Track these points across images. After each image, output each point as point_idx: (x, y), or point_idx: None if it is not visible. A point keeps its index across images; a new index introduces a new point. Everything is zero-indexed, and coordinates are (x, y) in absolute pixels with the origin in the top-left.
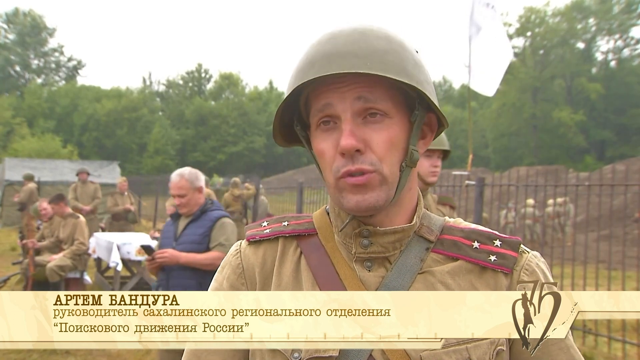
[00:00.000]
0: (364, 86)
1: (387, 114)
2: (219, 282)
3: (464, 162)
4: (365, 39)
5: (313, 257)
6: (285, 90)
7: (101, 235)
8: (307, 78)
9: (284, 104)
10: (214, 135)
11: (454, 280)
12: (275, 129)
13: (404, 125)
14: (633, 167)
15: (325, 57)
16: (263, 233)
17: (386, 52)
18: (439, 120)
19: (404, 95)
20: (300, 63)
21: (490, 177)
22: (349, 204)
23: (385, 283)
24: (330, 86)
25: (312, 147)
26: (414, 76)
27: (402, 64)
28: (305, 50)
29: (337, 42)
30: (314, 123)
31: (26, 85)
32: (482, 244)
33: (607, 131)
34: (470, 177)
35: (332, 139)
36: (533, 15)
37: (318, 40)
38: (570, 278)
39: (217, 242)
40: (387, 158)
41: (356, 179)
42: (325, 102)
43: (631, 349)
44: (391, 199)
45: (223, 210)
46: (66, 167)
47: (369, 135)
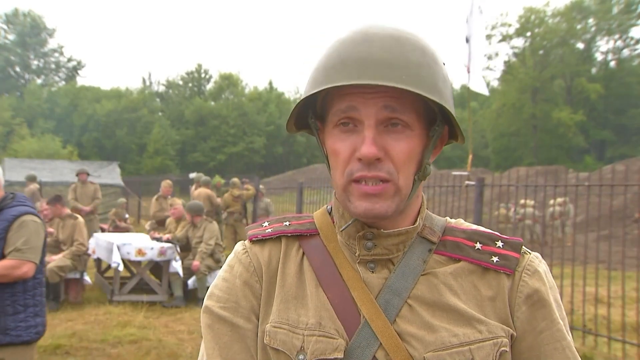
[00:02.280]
0: (392, 96)
1: (409, 126)
2: (230, 281)
3: (463, 162)
4: (401, 48)
5: (316, 258)
6: (310, 82)
7: (101, 235)
8: (339, 82)
9: (305, 98)
10: (214, 136)
11: (456, 282)
12: (291, 119)
13: (423, 138)
14: (633, 167)
15: (360, 61)
16: (265, 232)
17: (420, 65)
18: (449, 133)
19: (426, 108)
20: (330, 59)
21: (490, 177)
22: (357, 210)
23: (388, 285)
24: (358, 90)
25: (323, 143)
26: (443, 93)
27: (433, 79)
28: (335, 46)
29: (372, 47)
30: (333, 121)
31: (26, 86)
32: (484, 245)
33: (607, 131)
34: (470, 177)
35: (350, 141)
36: (533, 16)
37: (351, 40)
38: (570, 278)
39: (13, 247)
40: (404, 169)
41: (372, 187)
42: (349, 104)
43: (631, 349)
44: (400, 209)
45: (29, 205)
46: (66, 167)
47: (389, 145)
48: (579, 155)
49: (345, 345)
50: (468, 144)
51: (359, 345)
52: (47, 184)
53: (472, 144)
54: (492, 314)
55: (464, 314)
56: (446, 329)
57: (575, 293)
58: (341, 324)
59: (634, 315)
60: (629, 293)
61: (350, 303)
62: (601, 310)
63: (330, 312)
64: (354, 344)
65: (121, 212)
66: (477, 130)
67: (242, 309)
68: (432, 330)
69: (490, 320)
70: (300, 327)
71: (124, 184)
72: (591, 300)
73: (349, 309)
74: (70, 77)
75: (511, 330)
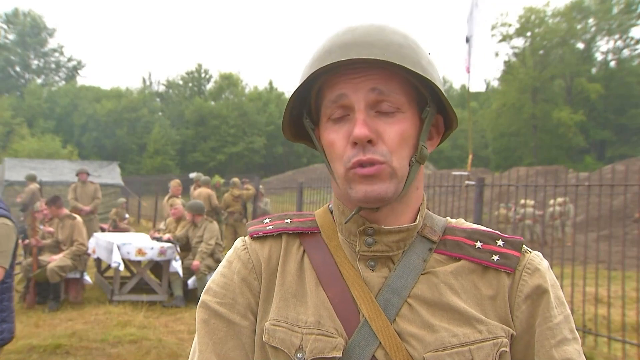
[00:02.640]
0: (379, 78)
1: (400, 108)
2: (229, 277)
3: (463, 162)
4: (383, 32)
5: (316, 256)
6: (299, 78)
7: (101, 235)
8: (324, 64)
9: (296, 93)
10: (214, 136)
11: (456, 281)
12: (285, 121)
13: (415, 121)
14: (633, 167)
15: (343, 45)
16: (266, 229)
17: (402, 46)
18: (445, 124)
19: (416, 92)
20: (316, 52)
21: (490, 177)
22: (357, 194)
23: (388, 283)
24: (345, 76)
25: (319, 142)
26: (428, 72)
27: (417, 58)
28: (321, 42)
29: (355, 34)
30: (326, 115)
31: (26, 86)
32: (484, 244)
33: (607, 131)
34: (470, 177)
35: (343, 130)
36: (533, 16)
37: (335, 32)
38: (570, 278)
39: None
40: (398, 151)
41: (366, 169)
42: (339, 92)
43: (631, 349)
44: (400, 193)
45: (2, 207)
46: (66, 167)
47: (381, 128)
48: (579, 155)
49: (344, 344)
50: (468, 144)
51: (358, 345)
52: (47, 184)
53: (472, 144)
54: (493, 314)
55: (464, 313)
56: (446, 329)
57: (575, 293)
58: (341, 323)
59: (634, 315)
60: (629, 293)
61: (350, 302)
62: (601, 310)
63: (329, 310)
64: (353, 343)
65: (121, 212)
66: (477, 130)
67: (239, 305)
68: (432, 330)
69: (490, 320)
70: (299, 325)
71: (124, 184)
72: (591, 300)
73: (349, 308)
74: (70, 77)
75: (511, 330)
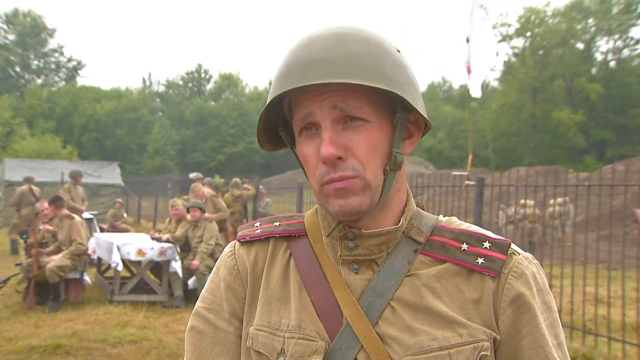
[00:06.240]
0: (339, 95)
1: (367, 120)
2: (216, 284)
3: (463, 162)
4: (342, 43)
5: (301, 259)
6: (268, 97)
7: (101, 235)
8: (284, 89)
9: (265, 112)
10: (214, 136)
11: (440, 284)
12: (260, 135)
13: (386, 129)
14: (633, 167)
15: (302, 65)
16: (254, 233)
17: (363, 56)
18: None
19: (385, 97)
20: (279, 70)
21: (490, 177)
22: (333, 209)
23: (371, 286)
24: (309, 94)
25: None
26: (393, 79)
27: (380, 67)
28: (284, 55)
29: (312, 49)
30: (298, 129)
31: (26, 86)
32: (470, 246)
33: (607, 131)
34: (470, 177)
35: (314, 145)
36: (533, 16)
37: (296, 46)
38: (570, 278)
39: None
40: (370, 163)
41: (339, 183)
42: (306, 111)
43: (631, 349)
44: (376, 203)
45: None
46: (66, 167)
47: (349, 141)
48: (579, 155)
49: (325, 348)
50: (468, 144)
51: (340, 348)
52: (47, 184)
53: (472, 144)
54: (476, 317)
55: (445, 317)
56: (426, 332)
57: (575, 293)
58: (323, 326)
59: (634, 315)
60: (629, 293)
61: (333, 305)
62: (601, 310)
63: (311, 314)
64: (335, 346)
65: (118, 212)
66: (477, 130)
67: (224, 312)
68: (413, 334)
69: (472, 324)
70: (282, 329)
71: (124, 184)
72: (591, 300)
73: (332, 311)
74: (70, 77)
75: (494, 334)
